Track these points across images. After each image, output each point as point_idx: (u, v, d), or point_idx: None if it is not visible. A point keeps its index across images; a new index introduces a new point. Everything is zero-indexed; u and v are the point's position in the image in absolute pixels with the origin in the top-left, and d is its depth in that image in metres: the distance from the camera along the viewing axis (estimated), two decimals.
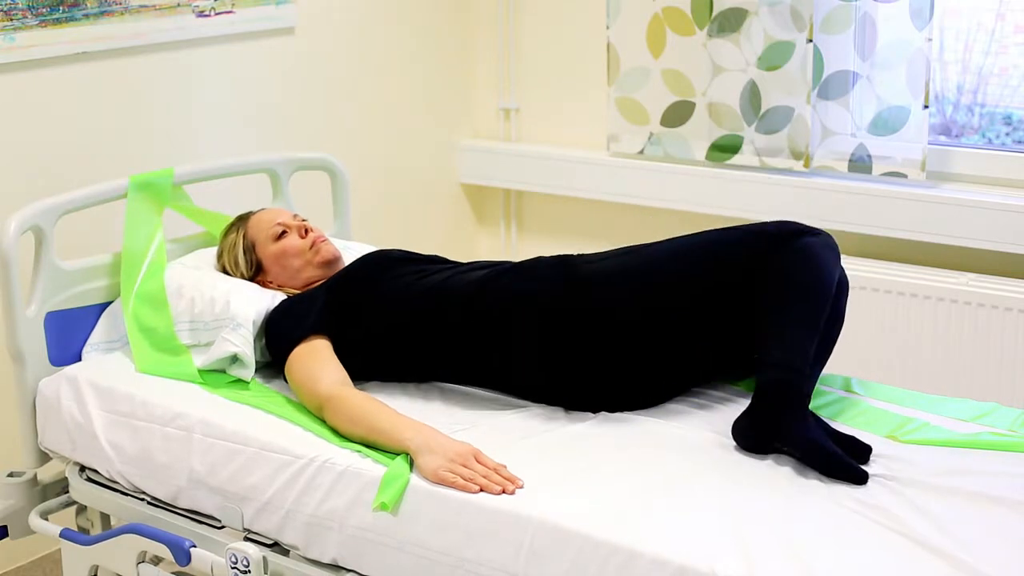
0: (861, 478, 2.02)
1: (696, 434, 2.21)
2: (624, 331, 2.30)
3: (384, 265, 2.57)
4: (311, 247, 2.68)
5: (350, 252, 2.86)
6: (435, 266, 2.59)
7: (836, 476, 2.03)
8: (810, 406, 2.32)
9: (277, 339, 2.49)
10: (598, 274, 2.38)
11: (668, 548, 1.83)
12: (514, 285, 2.40)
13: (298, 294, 2.61)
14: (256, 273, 2.70)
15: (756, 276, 2.25)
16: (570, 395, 2.34)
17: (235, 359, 2.51)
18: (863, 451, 2.11)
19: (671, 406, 2.33)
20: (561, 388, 2.34)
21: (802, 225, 2.32)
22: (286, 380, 2.45)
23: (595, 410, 2.32)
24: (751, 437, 2.14)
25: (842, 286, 2.33)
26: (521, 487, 2.03)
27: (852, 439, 2.14)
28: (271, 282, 2.69)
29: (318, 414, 2.31)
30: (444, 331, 2.41)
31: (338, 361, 2.41)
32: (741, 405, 2.23)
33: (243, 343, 2.48)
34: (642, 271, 2.35)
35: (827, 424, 2.20)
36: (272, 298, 2.61)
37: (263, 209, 2.82)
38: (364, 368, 2.46)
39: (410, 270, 2.55)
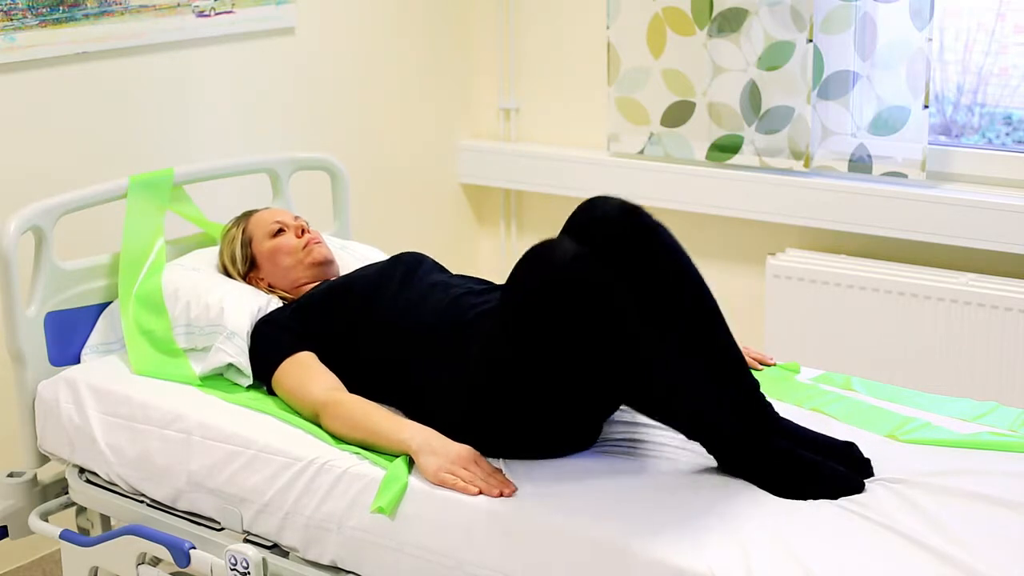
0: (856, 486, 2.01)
1: None
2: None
3: (353, 296, 2.49)
4: (304, 247, 2.68)
5: (349, 252, 2.87)
6: (404, 290, 2.47)
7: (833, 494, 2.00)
8: (810, 406, 2.32)
9: (261, 362, 2.46)
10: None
11: (667, 550, 1.83)
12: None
13: (276, 311, 2.57)
14: (250, 269, 2.70)
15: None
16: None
17: (231, 365, 2.50)
18: (861, 464, 2.08)
19: None
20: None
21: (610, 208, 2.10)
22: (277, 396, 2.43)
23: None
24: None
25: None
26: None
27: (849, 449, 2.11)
28: (262, 279, 2.69)
29: (314, 420, 2.31)
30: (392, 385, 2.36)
31: (327, 368, 2.39)
32: None
33: (238, 353, 2.47)
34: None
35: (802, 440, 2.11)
36: (267, 303, 2.60)
37: (268, 208, 2.83)
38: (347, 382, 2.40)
39: (380, 294, 2.46)
